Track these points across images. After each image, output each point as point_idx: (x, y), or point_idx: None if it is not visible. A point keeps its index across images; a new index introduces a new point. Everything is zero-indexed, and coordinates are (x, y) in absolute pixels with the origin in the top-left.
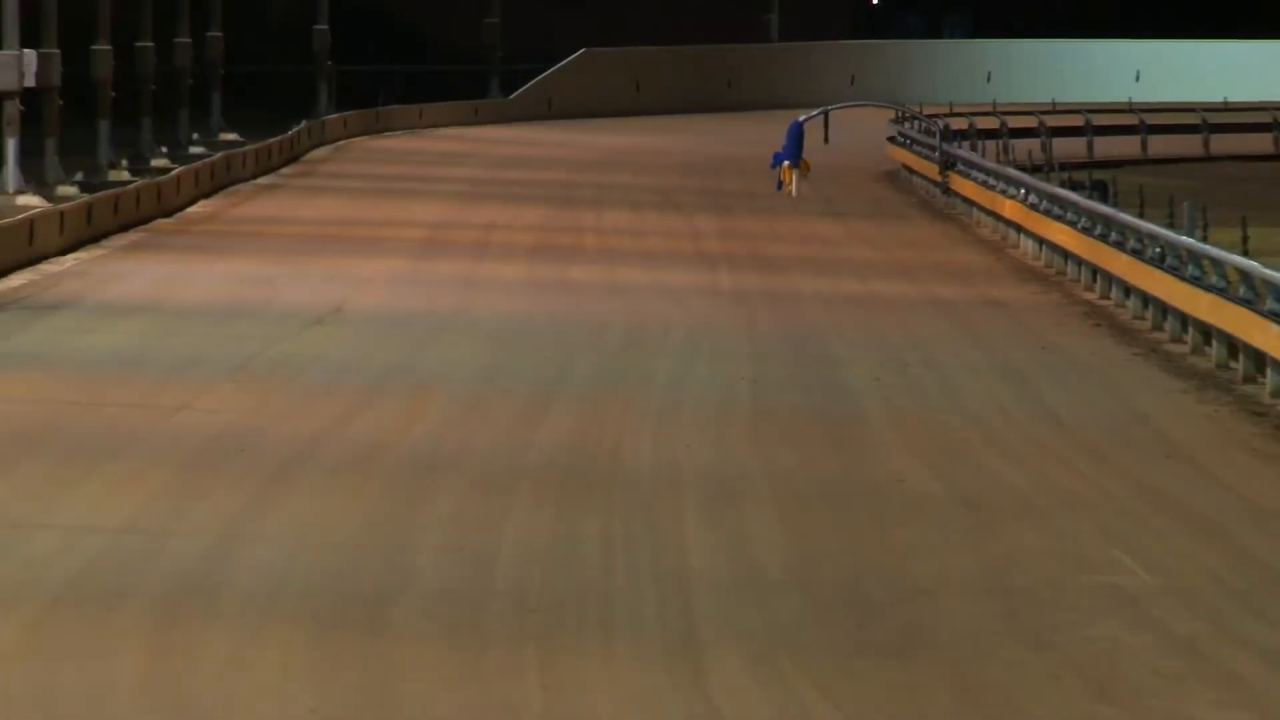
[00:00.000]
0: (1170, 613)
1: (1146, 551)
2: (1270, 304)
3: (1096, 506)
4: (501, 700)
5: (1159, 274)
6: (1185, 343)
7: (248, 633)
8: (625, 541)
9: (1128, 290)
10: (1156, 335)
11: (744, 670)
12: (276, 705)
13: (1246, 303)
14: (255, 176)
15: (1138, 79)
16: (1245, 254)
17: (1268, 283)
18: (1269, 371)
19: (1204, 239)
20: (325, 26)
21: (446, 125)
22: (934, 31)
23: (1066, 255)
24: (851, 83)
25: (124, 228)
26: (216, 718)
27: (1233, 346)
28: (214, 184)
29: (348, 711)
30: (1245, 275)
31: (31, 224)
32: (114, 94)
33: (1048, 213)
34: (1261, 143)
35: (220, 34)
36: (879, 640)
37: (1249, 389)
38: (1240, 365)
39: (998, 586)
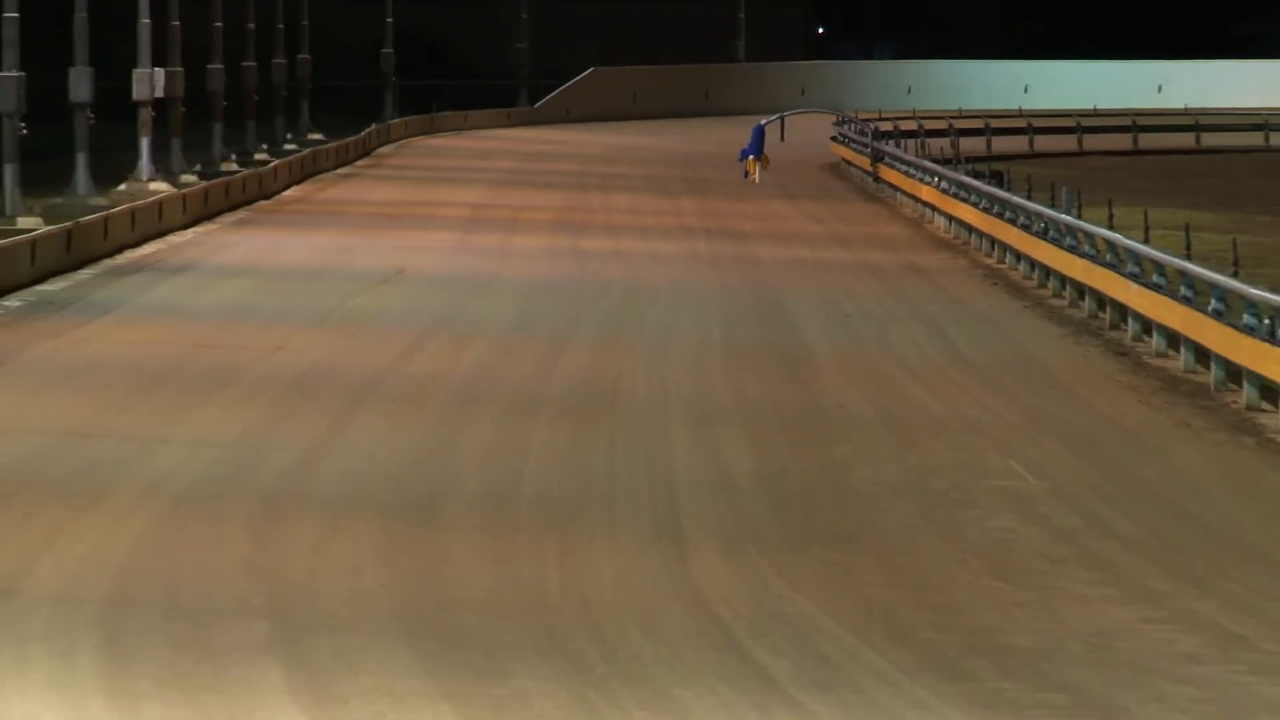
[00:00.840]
0: (1054, 510)
1: (1034, 462)
2: (1130, 267)
3: (995, 426)
4: (528, 578)
5: (1043, 244)
6: (1064, 298)
7: (330, 525)
8: (625, 453)
9: (1019, 256)
10: (1041, 292)
11: (718, 555)
12: (353, 582)
13: (1112, 266)
14: (335, 167)
15: (1026, 91)
16: (1111, 228)
17: (1128, 250)
18: (1129, 320)
19: (1078, 216)
20: (390, 50)
21: (485, 128)
22: (867, 54)
23: (970, 229)
24: (802, 94)
25: (233, 208)
26: (305, 593)
27: (1101, 301)
28: (303, 173)
29: (408, 586)
30: (1110, 245)
31: (161, 205)
32: (225, 103)
33: (956, 196)
34: (1123, 141)
35: (308, 56)
36: (824, 532)
37: (1114, 334)
38: (1107, 315)
39: (917, 489)
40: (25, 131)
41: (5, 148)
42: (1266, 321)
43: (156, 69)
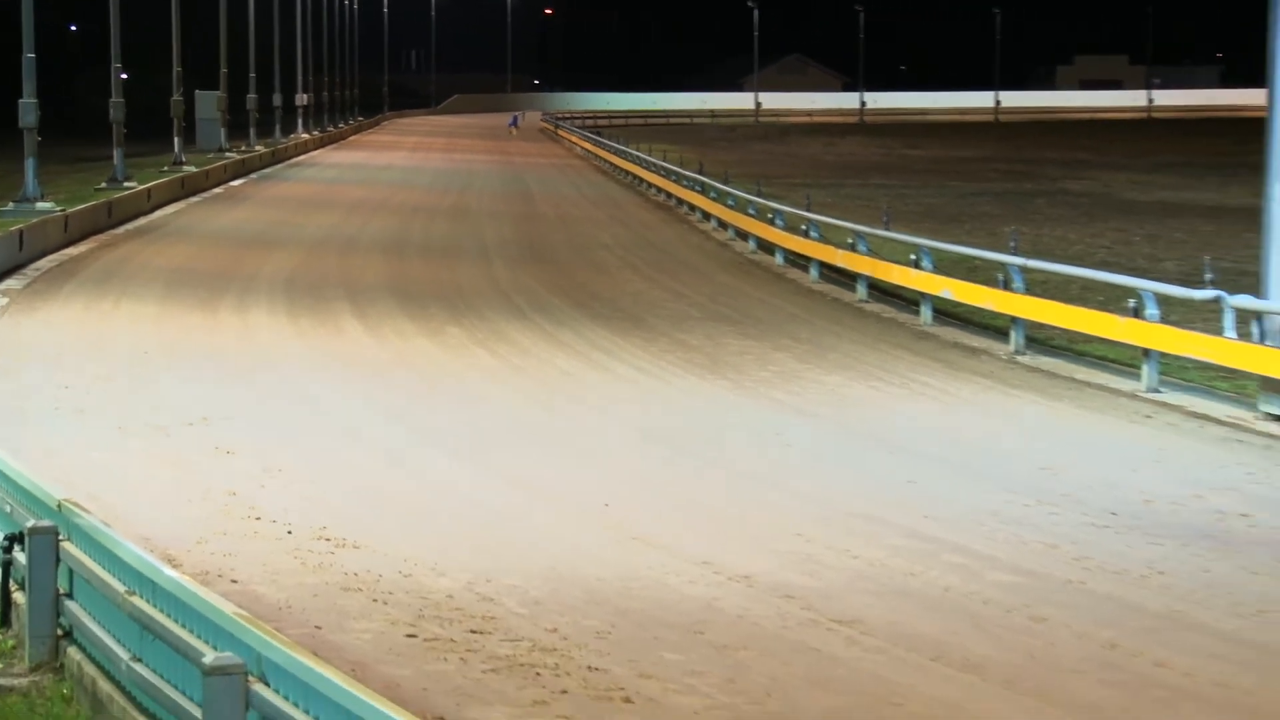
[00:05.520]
0: (618, 250)
1: (615, 237)
2: (647, 165)
3: (598, 220)
4: (436, 276)
5: (616, 156)
6: (642, 188)
7: (365, 256)
8: (468, 230)
9: (609, 162)
10: (632, 181)
11: (503, 266)
12: (374, 276)
13: (639, 163)
14: (369, 129)
15: (607, 104)
16: (664, 159)
17: (642, 158)
18: (647, 184)
19: (627, 147)
20: (386, 89)
21: (420, 118)
22: (553, 91)
23: (590, 152)
24: (531, 104)
25: (333, 142)
26: (357, 277)
27: (636, 178)
28: (356, 130)
29: (393, 277)
30: (638, 156)
31: (306, 141)
32: (328, 106)
33: (585, 139)
34: (643, 123)
35: (358, 90)
36: (540, 258)
37: (642, 189)
38: (641, 182)
39: (572, 244)
40: (258, 115)
41: (250, 122)
42: (691, 183)
43: (303, 94)
